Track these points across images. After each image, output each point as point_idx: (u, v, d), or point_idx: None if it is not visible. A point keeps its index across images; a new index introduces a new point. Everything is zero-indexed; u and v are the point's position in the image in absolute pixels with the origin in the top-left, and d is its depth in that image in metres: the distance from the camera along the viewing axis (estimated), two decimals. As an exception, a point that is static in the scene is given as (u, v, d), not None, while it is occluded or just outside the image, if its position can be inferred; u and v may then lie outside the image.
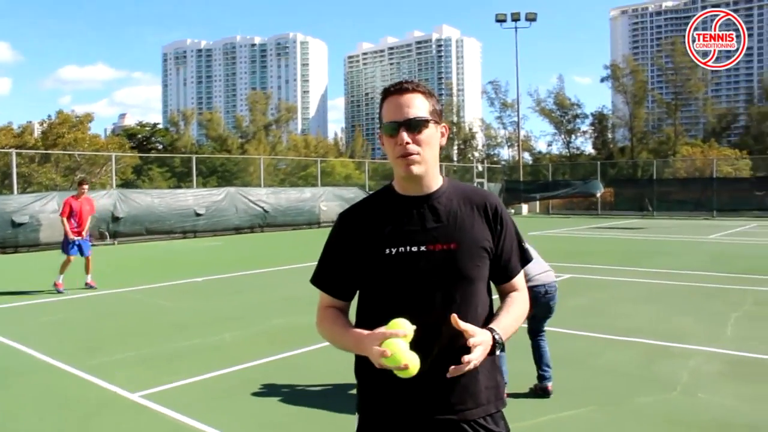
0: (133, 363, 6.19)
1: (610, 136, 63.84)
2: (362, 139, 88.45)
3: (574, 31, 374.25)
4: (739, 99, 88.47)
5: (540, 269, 5.06)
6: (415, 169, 1.86)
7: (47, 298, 9.89)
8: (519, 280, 2.05)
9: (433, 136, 1.90)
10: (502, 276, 2.01)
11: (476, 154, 66.15)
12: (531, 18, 40.51)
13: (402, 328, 1.71)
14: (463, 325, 1.74)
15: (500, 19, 40.53)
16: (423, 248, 1.86)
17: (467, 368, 1.70)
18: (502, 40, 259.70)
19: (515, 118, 52.93)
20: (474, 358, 1.69)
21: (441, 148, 1.97)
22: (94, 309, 9.20)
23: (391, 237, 1.88)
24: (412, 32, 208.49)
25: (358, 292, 2.00)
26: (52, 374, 5.89)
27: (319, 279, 2.02)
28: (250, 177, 46.93)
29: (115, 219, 19.62)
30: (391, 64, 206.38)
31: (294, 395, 5.11)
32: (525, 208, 37.92)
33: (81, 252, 10.63)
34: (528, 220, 30.91)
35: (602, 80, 62.79)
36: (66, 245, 10.59)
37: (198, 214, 22.06)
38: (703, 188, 32.68)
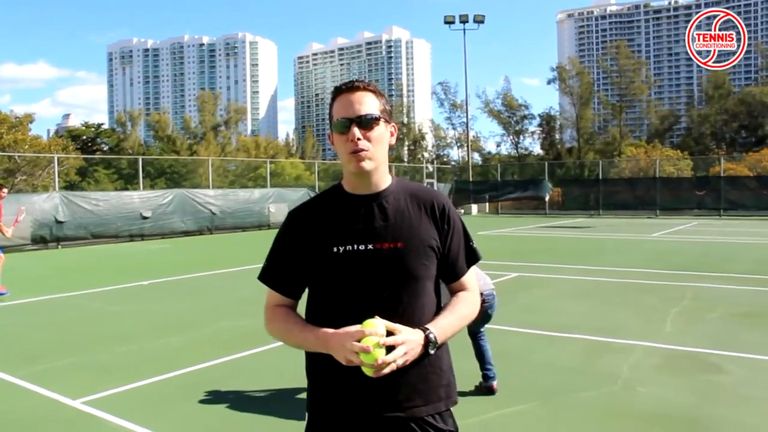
0: (74, 369, 6.03)
1: (557, 136, 65.15)
2: (313, 139, 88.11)
3: (523, 34, 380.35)
4: (680, 101, 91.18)
5: (478, 278, 5.08)
6: (366, 165, 1.87)
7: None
8: (468, 280, 2.07)
9: (384, 134, 1.92)
10: (450, 275, 2.03)
11: (426, 154, 66.64)
12: (479, 20, 40.97)
13: (377, 328, 1.73)
14: (390, 324, 1.76)
15: (449, 21, 40.88)
16: (370, 246, 1.87)
17: (387, 369, 1.71)
18: (452, 42, 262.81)
19: (465, 119, 53.53)
20: (393, 358, 1.71)
21: (390, 147, 1.99)
22: (33, 315, 8.91)
23: (338, 235, 1.89)
24: (362, 33, 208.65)
25: (307, 290, 2.00)
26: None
27: (267, 276, 2.01)
28: (200, 179, 46.32)
29: (59, 223, 19.07)
30: (342, 64, 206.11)
31: (238, 400, 5.06)
32: (475, 208, 38.35)
33: None
34: (477, 220, 31.27)
35: (549, 82, 64.13)
36: None
37: (144, 217, 21.59)
38: (647, 188, 33.56)
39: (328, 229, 1.90)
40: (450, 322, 1.92)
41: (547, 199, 33.89)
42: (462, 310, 1.99)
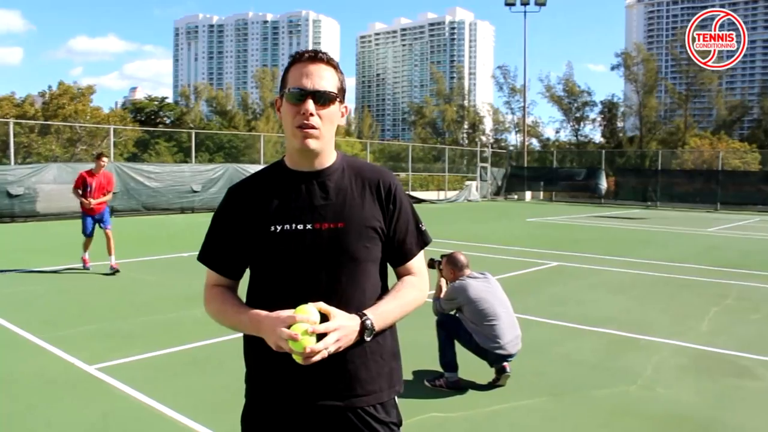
0: (96, 336, 6.18)
1: (619, 124, 63.32)
2: (371, 119, 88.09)
3: (589, 18, 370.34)
4: (753, 92, 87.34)
5: (512, 335, 4.80)
6: (312, 143, 1.79)
7: (33, 268, 9.91)
8: (416, 264, 1.97)
9: (336, 113, 1.84)
10: (397, 258, 1.94)
11: (483, 138, 65.83)
12: (541, 2, 40.06)
13: (309, 314, 1.64)
14: (326, 308, 1.68)
15: (509, 3, 40.11)
16: (309, 226, 1.79)
17: (317, 357, 1.62)
18: (518, 25, 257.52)
19: (524, 104, 52.48)
20: (323, 346, 1.62)
21: (338, 127, 1.88)
22: (71, 281, 9.19)
23: (277, 214, 1.81)
24: (425, 14, 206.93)
25: (248, 270, 1.92)
26: (12, 343, 5.90)
27: (205, 256, 1.94)
28: (258, 154, 46.79)
29: (112, 193, 19.58)
30: (404, 45, 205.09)
31: (242, 375, 5.05)
32: (528, 194, 37.71)
33: (99, 225, 9.97)
34: (529, 207, 30.79)
35: (612, 68, 62.18)
36: (83, 224, 9.93)
37: (194, 191, 21.99)
38: (708, 180, 32.34)
39: (266, 207, 1.82)
40: (391, 309, 1.83)
41: (603, 190, 33.15)
42: (406, 296, 1.89)
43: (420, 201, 32.58)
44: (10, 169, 18.57)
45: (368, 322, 1.73)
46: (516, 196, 37.77)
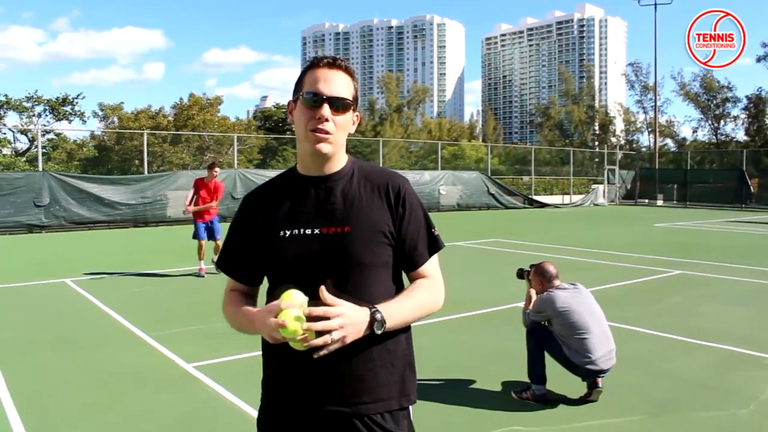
0: (198, 335, 6.52)
1: (767, 121, 58.60)
2: (494, 122, 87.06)
3: (731, 7, 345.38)
4: None
5: (604, 350, 4.54)
6: (324, 147, 1.79)
7: (158, 270, 10.66)
8: (429, 269, 1.90)
9: (349, 120, 1.85)
10: (408, 264, 1.88)
11: (614, 139, 63.20)
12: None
13: (294, 299, 1.63)
14: (330, 298, 1.62)
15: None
16: (317, 231, 1.79)
17: (317, 341, 1.58)
18: (651, 20, 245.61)
19: (658, 103, 49.83)
20: (322, 327, 1.57)
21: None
22: (186, 282, 9.82)
23: (286, 219, 1.82)
24: (552, 12, 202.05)
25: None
26: (125, 339, 6.36)
27: (222, 262, 1.98)
28: (383, 160, 47.59)
29: (234, 199, 20.64)
30: (530, 45, 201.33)
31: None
32: (660, 198, 35.73)
33: (210, 235, 10.38)
34: (660, 211, 29.22)
35: (759, 60, 57.68)
36: (195, 229, 10.36)
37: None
38: None
39: (276, 212, 1.84)
40: (401, 307, 1.76)
41: (747, 192, 30.91)
42: (419, 297, 1.83)
43: (543, 205, 31.81)
44: (144, 177, 20.06)
45: (378, 314, 1.68)
46: (646, 201, 35.93)
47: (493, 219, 24.01)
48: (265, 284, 1.92)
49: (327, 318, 1.59)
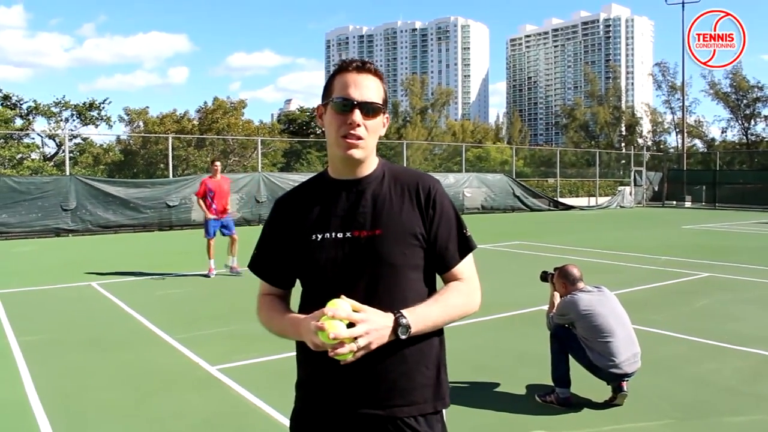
0: (223, 338, 6.54)
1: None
2: (520, 124, 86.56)
3: (758, 7, 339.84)
4: None
5: (629, 353, 4.45)
6: (356, 153, 1.78)
7: (184, 272, 10.74)
8: (462, 270, 1.88)
9: (380, 124, 1.83)
10: (440, 265, 1.87)
11: (640, 140, 62.46)
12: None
13: (337, 307, 1.62)
14: (356, 305, 1.64)
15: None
16: (348, 234, 1.78)
17: (343, 349, 1.57)
18: (678, 19, 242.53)
19: (685, 102, 49.14)
20: (348, 335, 1.57)
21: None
22: (214, 285, 9.92)
23: (318, 223, 1.82)
24: (578, 12, 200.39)
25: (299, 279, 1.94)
26: (150, 341, 6.41)
27: (255, 265, 1.98)
28: (407, 162, 47.55)
29: (258, 202, 20.72)
30: (555, 46, 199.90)
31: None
32: (688, 199, 35.17)
33: (224, 232, 10.64)
34: (688, 213, 28.81)
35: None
36: (206, 228, 10.57)
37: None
38: None
39: (308, 216, 1.84)
40: (430, 311, 1.75)
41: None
42: (449, 299, 1.81)
43: (568, 207, 31.53)
44: (169, 181, 20.26)
45: (403, 320, 1.67)
46: (674, 202, 35.42)
47: (518, 221, 23.85)
48: (298, 287, 1.92)
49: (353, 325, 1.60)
